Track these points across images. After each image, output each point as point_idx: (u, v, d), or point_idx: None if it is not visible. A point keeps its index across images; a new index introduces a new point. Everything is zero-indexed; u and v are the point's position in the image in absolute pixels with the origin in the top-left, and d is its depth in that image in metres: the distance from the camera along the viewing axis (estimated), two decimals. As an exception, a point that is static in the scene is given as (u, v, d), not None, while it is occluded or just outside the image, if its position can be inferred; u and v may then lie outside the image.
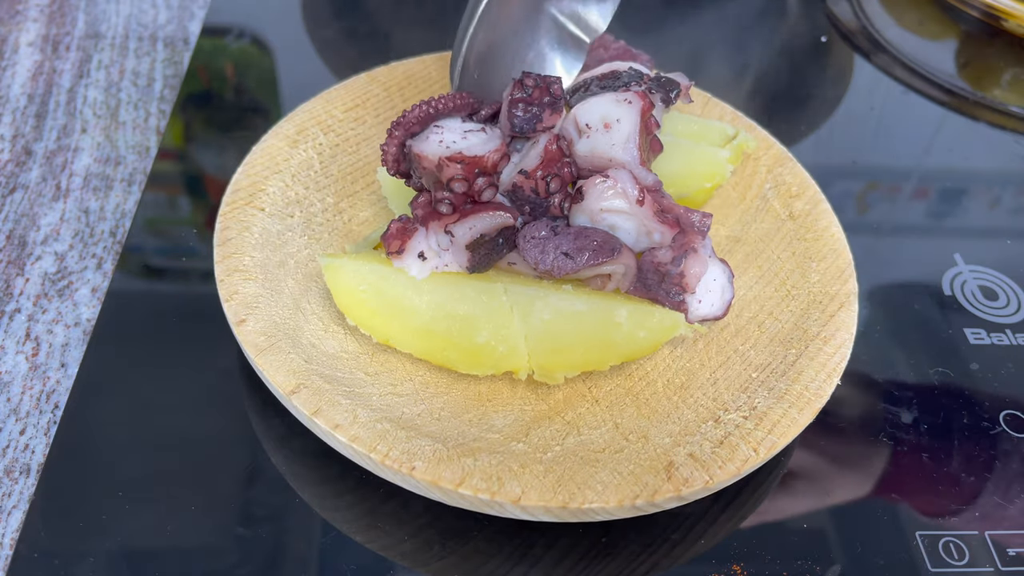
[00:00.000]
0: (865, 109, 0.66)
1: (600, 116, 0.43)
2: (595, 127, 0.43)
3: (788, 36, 0.75)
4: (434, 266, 0.42)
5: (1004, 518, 0.42)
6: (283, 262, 0.45)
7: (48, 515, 0.38)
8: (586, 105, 0.44)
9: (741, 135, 0.52)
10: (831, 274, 0.47)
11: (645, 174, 0.43)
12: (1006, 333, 0.51)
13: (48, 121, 0.62)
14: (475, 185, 0.41)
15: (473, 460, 0.37)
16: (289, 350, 0.41)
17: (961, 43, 0.74)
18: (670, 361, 0.44)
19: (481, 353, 0.41)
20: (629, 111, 0.43)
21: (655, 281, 0.43)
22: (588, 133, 0.44)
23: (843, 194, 0.59)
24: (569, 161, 0.43)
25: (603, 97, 0.44)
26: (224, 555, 0.38)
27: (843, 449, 0.44)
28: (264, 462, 0.41)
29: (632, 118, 0.43)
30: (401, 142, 0.43)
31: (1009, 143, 0.65)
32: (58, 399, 0.46)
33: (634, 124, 0.43)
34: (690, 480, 0.37)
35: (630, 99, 0.43)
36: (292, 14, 0.70)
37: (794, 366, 0.42)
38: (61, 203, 0.56)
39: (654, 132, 0.45)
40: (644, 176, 0.43)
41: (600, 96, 0.44)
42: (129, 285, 0.48)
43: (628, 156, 0.43)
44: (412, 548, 0.39)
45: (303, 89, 0.59)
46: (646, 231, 0.43)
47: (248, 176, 0.48)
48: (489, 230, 0.41)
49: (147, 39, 0.70)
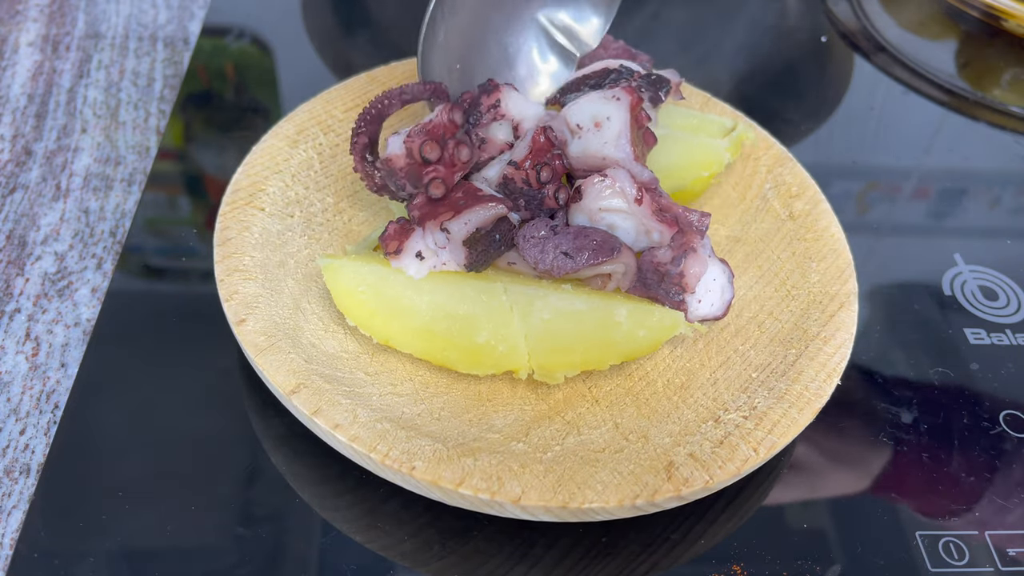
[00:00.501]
0: (865, 109, 0.66)
1: (590, 115, 0.44)
2: (586, 127, 0.44)
3: (788, 36, 0.75)
4: (432, 265, 0.42)
5: (1004, 518, 0.42)
6: (283, 262, 0.45)
7: (48, 515, 0.38)
8: (576, 106, 0.44)
9: (740, 127, 0.52)
10: (831, 274, 0.47)
11: (641, 170, 0.43)
12: (1006, 333, 0.51)
13: (48, 121, 0.62)
14: (448, 149, 0.42)
15: (473, 460, 0.37)
16: (289, 350, 0.41)
17: (961, 43, 0.74)
18: (670, 361, 0.44)
19: (481, 353, 0.41)
20: (618, 107, 0.43)
21: (654, 281, 0.43)
22: (580, 133, 0.44)
23: (843, 194, 0.59)
24: (559, 153, 0.44)
25: (591, 96, 0.44)
26: (224, 555, 0.38)
27: (843, 449, 0.44)
28: (264, 462, 0.41)
29: (621, 115, 0.43)
30: (363, 156, 0.44)
31: (1009, 143, 0.65)
32: (58, 399, 0.46)
33: (624, 120, 0.43)
34: (690, 480, 0.37)
35: (618, 95, 0.44)
36: (292, 14, 0.70)
37: (794, 366, 0.42)
38: (61, 203, 0.56)
39: (646, 125, 0.45)
40: (640, 172, 0.43)
41: (588, 95, 0.44)
42: (129, 285, 0.48)
43: (621, 153, 0.43)
44: (412, 548, 0.39)
45: (303, 89, 0.59)
46: (645, 230, 0.43)
47: (248, 176, 0.48)
48: (484, 223, 0.41)
49: (147, 39, 0.70)
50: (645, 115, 0.45)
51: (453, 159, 0.43)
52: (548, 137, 0.43)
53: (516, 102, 0.46)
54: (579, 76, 0.49)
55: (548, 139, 0.43)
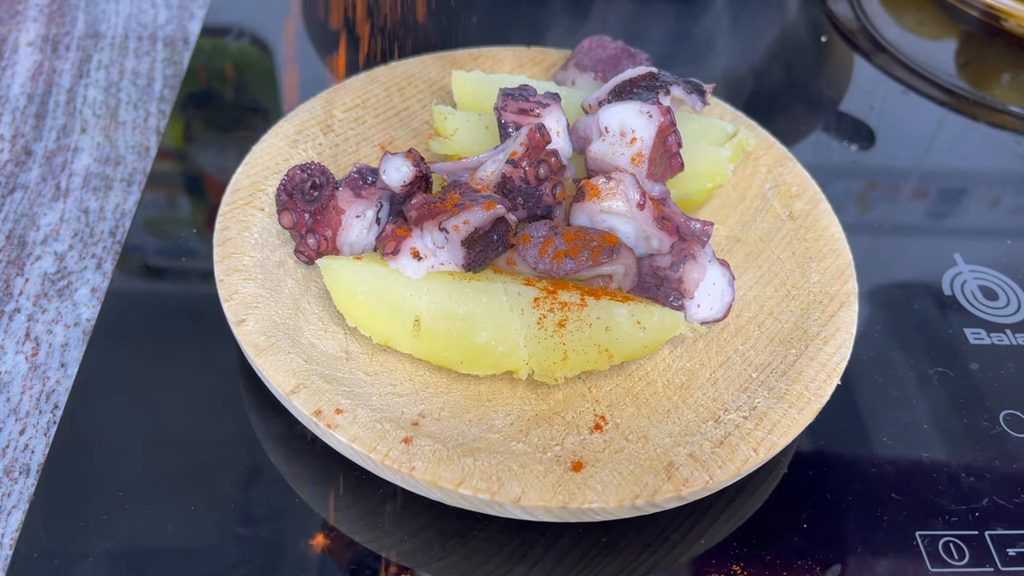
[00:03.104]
0: (865, 109, 0.66)
1: (619, 123, 0.44)
2: (613, 132, 0.44)
3: (788, 36, 0.75)
4: (430, 265, 0.42)
5: (1004, 518, 0.42)
6: (283, 262, 0.45)
7: (48, 515, 0.38)
8: (612, 108, 0.44)
9: (741, 132, 0.52)
10: (831, 274, 0.47)
11: (652, 185, 0.43)
12: (1006, 333, 0.51)
13: (48, 121, 0.62)
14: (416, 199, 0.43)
15: (473, 460, 0.37)
16: (289, 350, 0.41)
17: (961, 43, 0.74)
18: (670, 361, 0.44)
19: (481, 353, 0.41)
20: (648, 124, 0.44)
21: (653, 285, 0.43)
22: (606, 137, 0.44)
23: (843, 194, 0.59)
24: (553, 150, 0.44)
25: (628, 105, 0.44)
26: (224, 555, 0.38)
27: (843, 449, 0.44)
28: (264, 462, 0.41)
29: (649, 132, 0.43)
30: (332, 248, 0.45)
31: (1009, 143, 0.65)
32: (58, 399, 0.46)
33: (649, 137, 0.43)
34: (690, 480, 0.37)
35: (651, 112, 0.44)
36: (292, 14, 0.70)
37: (794, 366, 0.42)
38: (61, 203, 0.56)
39: (675, 151, 0.45)
40: (651, 187, 0.43)
41: (626, 104, 0.44)
42: (129, 285, 0.48)
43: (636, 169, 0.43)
44: (412, 548, 0.39)
45: (303, 89, 0.59)
46: (645, 236, 0.43)
47: (248, 176, 0.48)
48: (482, 223, 0.41)
49: (147, 39, 0.70)
50: (675, 142, 0.45)
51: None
52: (543, 135, 0.43)
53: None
54: (627, 79, 0.48)
55: (543, 136, 0.43)
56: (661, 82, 0.48)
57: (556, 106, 0.46)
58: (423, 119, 0.55)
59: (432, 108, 0.53)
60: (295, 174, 0.44)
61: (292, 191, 0.44)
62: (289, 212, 0.44)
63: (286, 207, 0.44)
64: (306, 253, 0.44)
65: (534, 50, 0.60)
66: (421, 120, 0.55)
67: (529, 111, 0.45)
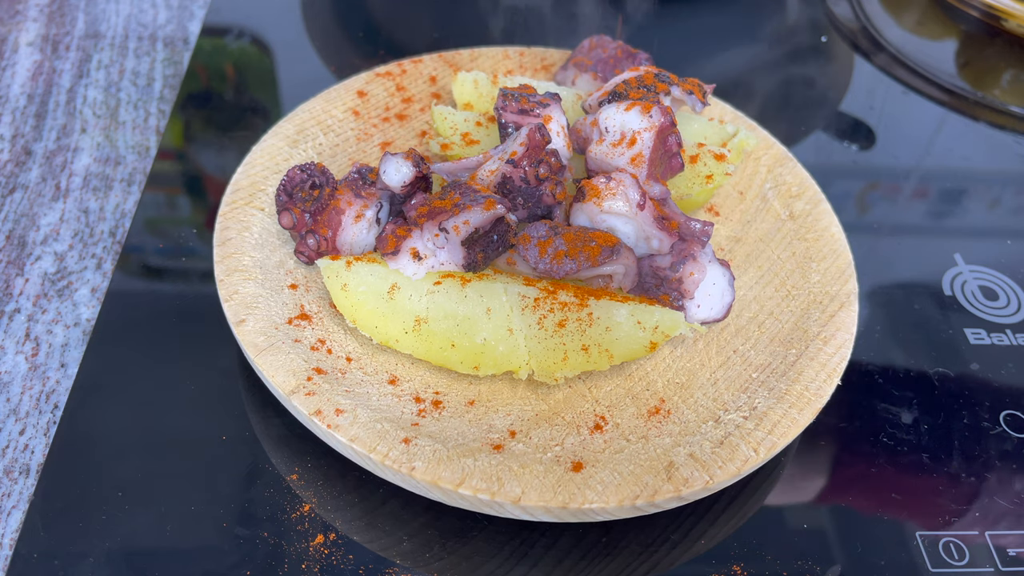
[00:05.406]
0: (865, 109, 0.66)
1: (620, 124, 0.44)
2: (613, 132, 0.44)
3: (788, 36, 0.75)
4: (430, 266, 0.42)
5: (1004, 518, 0.42)
6: (283, 262, 0.45)
7: (48, 515, 0.38)
8: (612, 109, 0.44)
9: (741, 133, 0.52)
10: (831, 274, 0.47)
11: (652, 185, 0.43)
12: (1006, 333, 0.51)
13: (48, 121, 0.62)
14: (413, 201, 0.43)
15: (473, 460, 0.37)
16: (289, 350, 0.41)
17: (961, 43, 0.74)
18: (670, 361, 0.44)
19: (481, 353, 0.41)
20: (648, 125, 0.43)
21: (653, 285, 0.43)
22: (605, 137, 0.44)
23: (843, 194, 0.59)
24: (553, 150, 0.44)
25: (628, 105, 0.44)
26: (224, 555, 0.38)
27: (843, 449, 0.44)
28: (264, 462, 0.41)
29: (650, 134, 0.43)
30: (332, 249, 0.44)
31: (1009, 143, 0.65)
32: (58, 399, 0.46)
33: (650, 139, 0.43)
34: (690, 480, 0.37)
35: (651, 112, 0.44)
36: (292, 14, 0.70)
37: (794, 366, 0.42)
38: (61, 203, 0.56)
39: (675, 151, 0.45)
40: (651, 187, 0.43)
41: (626, 104, 0.44)
42: (129, 285, 0.48)
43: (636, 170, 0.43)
44: (412, 548, 0.39)
45: (303, 89, 0.59)
46: (645, 236, 0.43)
47: (248, 176, 0.48)
48: (482, 223, 0.41)
49: (147, 39, 0.70)
50: (676, 142, 0.45)
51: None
52: (543, 135, 0.43)
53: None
54: (627, 79, 0.48)
55: (543, 136, 0.43)
56: (661, 82, 0.48)
57: (556, 106, 0.46)
58: (423, 119, 0.55)
59: (432, 108, 0.53)
60: (295, 174, 0.44)
61: (292, 191, 0.44)
62: (289, 212, 0.44)
63: (286, 207, 0.44)
64: (306, 253, 0.44)
65: (534, 50, 0.60)
66: (421, 120, 0.55)
67: (529, 111, 0.45)
